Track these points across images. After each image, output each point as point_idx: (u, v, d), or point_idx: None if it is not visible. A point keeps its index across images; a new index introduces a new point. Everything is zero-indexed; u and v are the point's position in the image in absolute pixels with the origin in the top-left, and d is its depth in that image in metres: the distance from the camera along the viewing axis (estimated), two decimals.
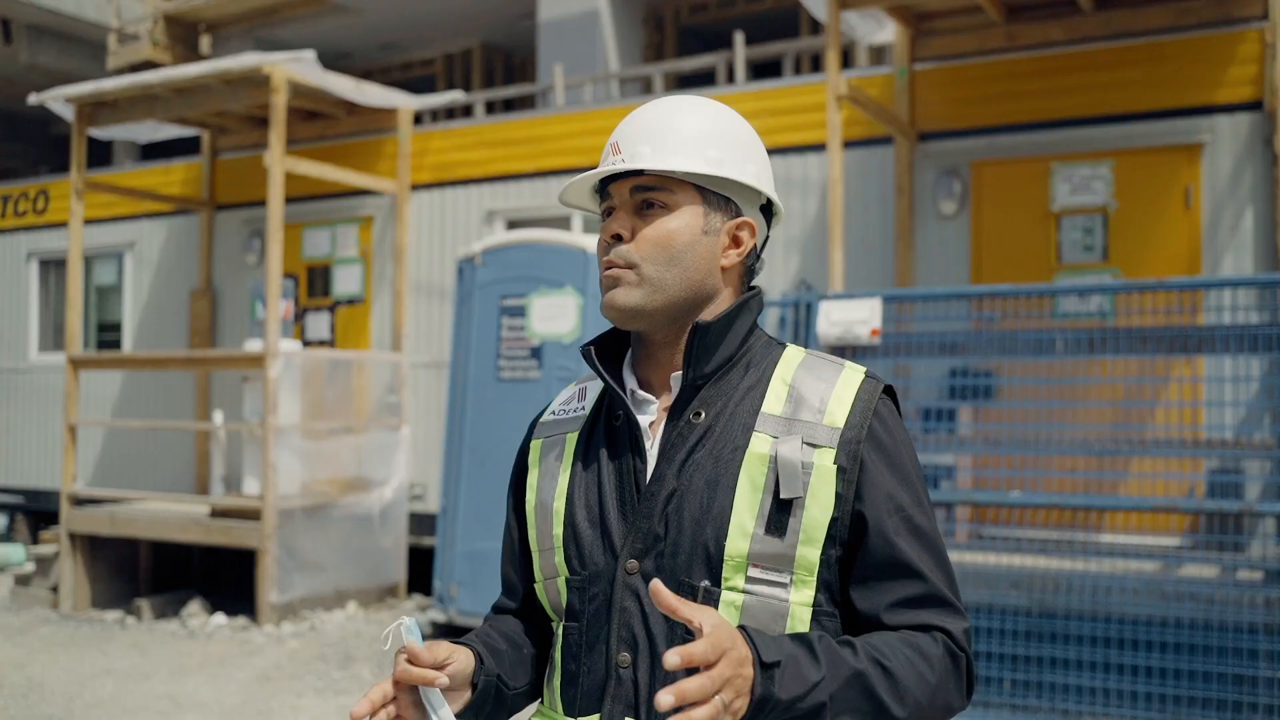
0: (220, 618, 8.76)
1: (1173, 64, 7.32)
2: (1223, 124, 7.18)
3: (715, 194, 1.65)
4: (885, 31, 8.24)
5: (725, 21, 13.64)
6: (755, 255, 1.71)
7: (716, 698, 1.31)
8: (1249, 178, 7.09)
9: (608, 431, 1.68)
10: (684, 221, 1.62)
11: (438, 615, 7.91)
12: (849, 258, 7.91)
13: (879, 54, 10.60)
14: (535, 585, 1.72)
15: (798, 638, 1.47)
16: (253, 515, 8.74)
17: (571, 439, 1.72)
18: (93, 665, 7.49)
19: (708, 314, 1.65)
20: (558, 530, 1.66)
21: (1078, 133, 7.57)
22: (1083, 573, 5.59)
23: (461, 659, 1.58)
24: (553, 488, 1.70)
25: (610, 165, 1.64)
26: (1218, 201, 7.16)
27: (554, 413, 1.80)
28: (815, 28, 13.18)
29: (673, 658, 1.30)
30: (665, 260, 1.61)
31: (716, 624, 1.35)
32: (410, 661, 1.51)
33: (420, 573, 9.73)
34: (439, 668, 1.52)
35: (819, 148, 8.13)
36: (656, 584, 1.35)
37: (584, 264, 7.51)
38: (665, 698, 1.29)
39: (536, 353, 7.61)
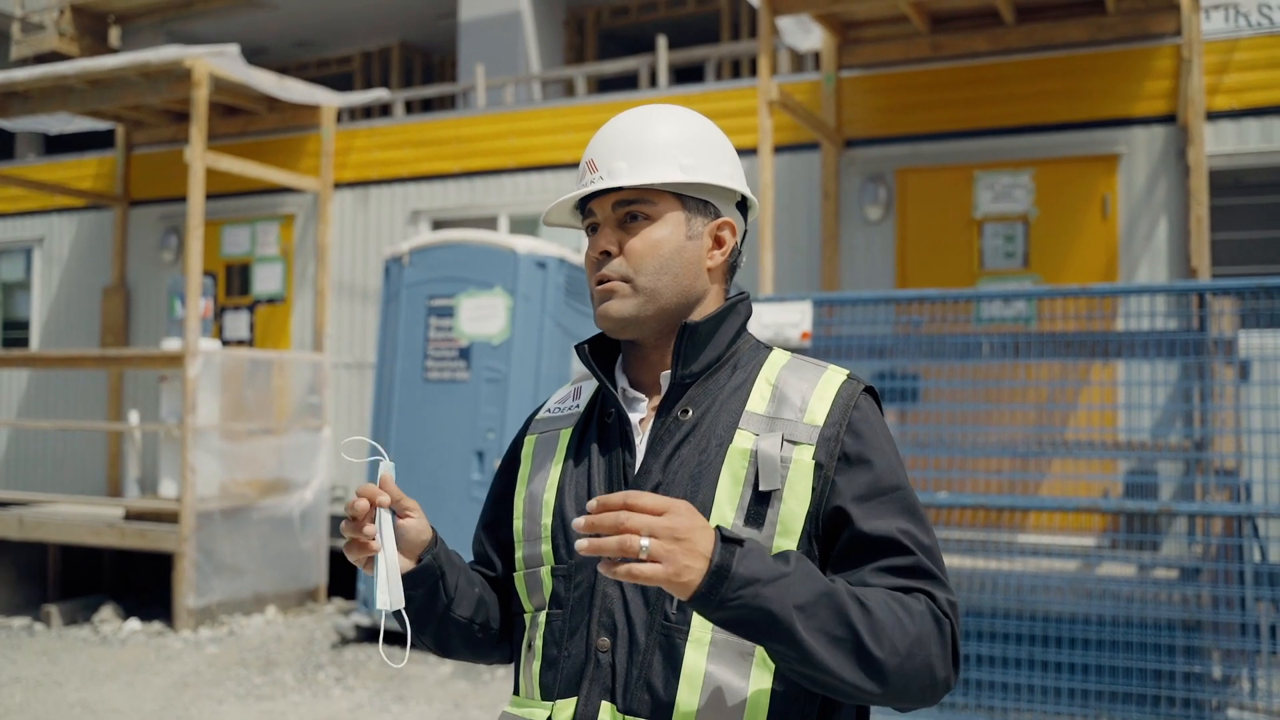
0: (134, 623, 8.54)
1: (1091, 77, 7.52)
2: (1139, 136, 7.40)
3: (694, 199, 1.70)
4: (812, 38, 8.34)
5: (646, 25, 13.68)
6: (736, 252, 1.76)
7: (639, 538, 1.35)
8: (1163, 188, 7.32)
9: (600, 428, 1.73)
10: (668, 229, 1.68)
11: (362, 619, 7.81)
12: (777, 261, 7.99)
13: (800, 61, 10.73)
14: (515, 575, 1.75)
15: (778, 555, 1.46)
16: (170, 518, 8.54)
17: (565, 435, 1.77)
18: (0, 673, 7.27)
19: (696, 314, 1.70)
20: (546, 520, 1.70)
21: (1000, 142, 7.75)
22: (1007, 572, 5.72)
23: (420, 523, 1.71)
24: (544, 480, 1.74)
25: (589, 184, 1.69)
26: (1134, 211, 7.38)
27: (549, 410, 1.85)
28: (736, 33, 13.29)
29: (592, 503, 1.39)
30: (656, 269, 1.66)
31: (676, 500, 1.41)
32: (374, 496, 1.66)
33: (341, 576, 9.60)
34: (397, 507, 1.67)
35: (747, 152, 8.19)
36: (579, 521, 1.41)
37: (513, 265, 7.47)
38: (579, 520, 1.39)
39: (465, 353, 7.56)
